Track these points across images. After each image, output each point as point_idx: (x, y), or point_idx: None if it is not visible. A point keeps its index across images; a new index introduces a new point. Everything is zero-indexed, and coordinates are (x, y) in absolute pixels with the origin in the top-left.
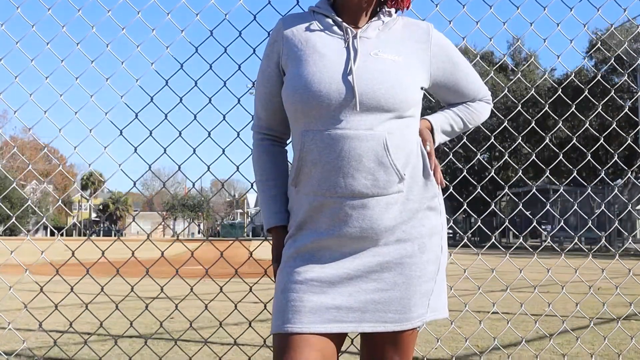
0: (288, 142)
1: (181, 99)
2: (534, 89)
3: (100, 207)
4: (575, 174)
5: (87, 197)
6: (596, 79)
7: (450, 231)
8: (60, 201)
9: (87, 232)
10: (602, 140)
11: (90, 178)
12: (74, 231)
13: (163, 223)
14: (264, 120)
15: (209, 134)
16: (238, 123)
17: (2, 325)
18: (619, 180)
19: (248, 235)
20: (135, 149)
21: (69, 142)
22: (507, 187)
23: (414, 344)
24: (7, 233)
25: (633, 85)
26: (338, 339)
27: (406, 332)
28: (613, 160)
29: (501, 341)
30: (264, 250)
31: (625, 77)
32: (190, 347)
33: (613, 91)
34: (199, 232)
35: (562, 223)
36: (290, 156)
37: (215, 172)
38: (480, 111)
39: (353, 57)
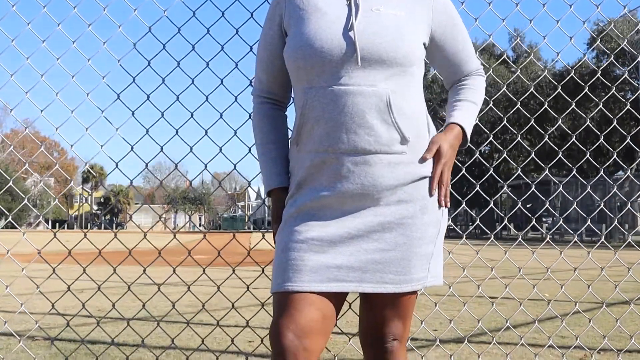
0: (288, 107)
1: (177, 97)
2: (533, 84)
3: (102, 200)
4: (574, 170)
5: (88, 191)
6: (598, 73)
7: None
8: (56, 199)
9: (89, 224)
10: (602, 138)
11: (91, 171)
12: (75, 224)
13: (163, 216)
14: (265, 83)
15: (206, 132)
16: (235, 121)
17: (14, 309)
18: (620, 172)
19: (249, 228)
20: (132, 148)
21: (66, 139)
22: (506, 185)
23: (413, 307)
24: (9, 226)
25: (633, 79)
26: (338, 298)
27: (406, 295)
28: (613, 158)
29: (503, 323)
30: (264, 242)
31: (626, 72)
32: (204, 330)
33: (614, 87)
34: (200, 225)
35: (561, 218)
36: (290, 123)
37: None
38: (480, 88)
39: (354, 13)
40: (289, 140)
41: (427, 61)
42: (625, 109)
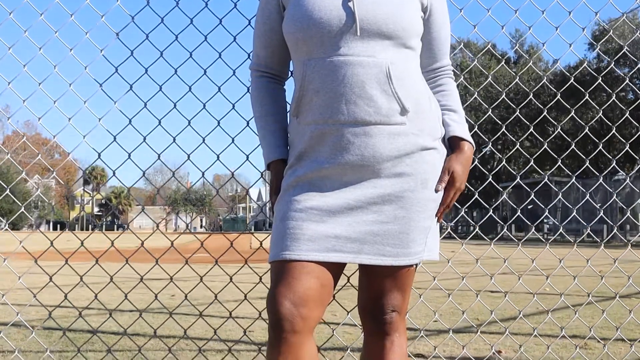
0: (286, 81)
1: (175, 105)
2: (533, 90)
3: (103, 201)
4: (574, 168)
5: (90, 192)
6: (601, 73)
7: (452, 224)
8: (52, 201)
9: (91, 225)
10: (602, 141)
11: (93, 172)
12: (77, 225)
13: (165, 218)
14: (263, 58)
15: (204, 139)
16: (232, 129)
17: (25, 301)
18: (621, 173)
19: (250, 230)
20: (129, 155)
21: (64, 147)
22: (505, 192)
23: (412, 280)
24: (10, 227)
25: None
26: (336, 269)
27: (404, 268)
28: (616, 157)
29: (501, 316)
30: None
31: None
32: (217, 321)
33: (614, 91)
34: (201, 227)
35: (561, 218)
36: (289, 98)
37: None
38: (455, 92)
39: None
40: (288, 113)
41: None
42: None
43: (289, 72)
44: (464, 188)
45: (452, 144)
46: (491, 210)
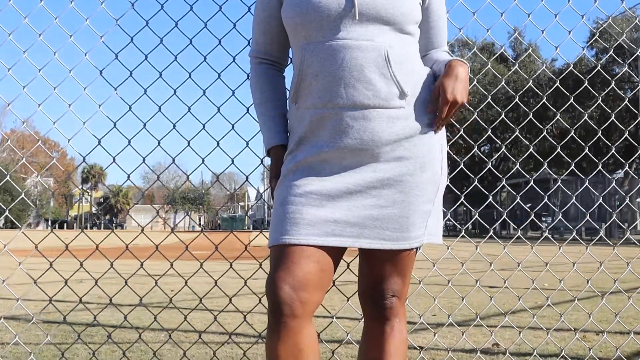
0: (285, 68)
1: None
2: (531, 81)
3: (101, 200)
4: (573, 166)
5: (87, 190)
6: (596, 69)
7: (450, 223)
8: (51, 202)
9: (89, 224)
10: (600, 133)
11: (90, 171)
12: (75, 224)
13: (162, 217)
14: (262, 45)
15: (204, 126)
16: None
17: (21, 295)
18: (620, 170)
19: (248, 228)
20: (129, 142)
21: (63, 134)
22: (504, 180)
23: (412, 264)
24: (8, 226)
25: (634, 75)
26: (336, 254)
27: (404, 252)
28: (611, 153)
29: (500, 309)
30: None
31: (626, 67)
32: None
33: (613, 82)
34: (199, 225)
35: (560, 215)
36: (288, 84)
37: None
38: (449, 56)
39: None
40: (288, 100)
41: None
42: (623, 104)
43: (288, 59)
44: (463, 100)
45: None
46: (490, 197)
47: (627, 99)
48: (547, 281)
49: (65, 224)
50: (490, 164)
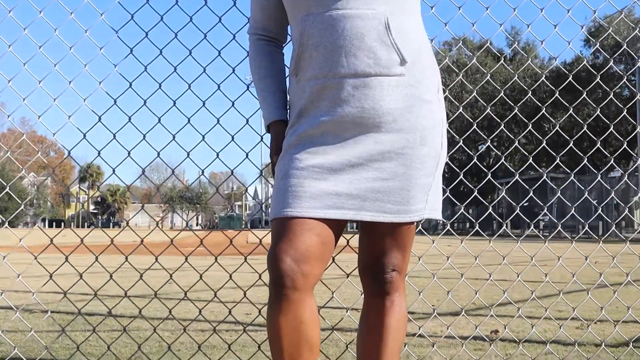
0: (284, 46)
1: (174, 103)
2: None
3: (99, 199)
4: (570, 165)
5: (85, 190)
6: (598, 69)
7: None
8: (48, 198)
9: (86, 223)
10: (598, 138)
11: (89, 170)
12: (72, 223)
13: (160, 216)
14: (260, 21)
15: (203, 137)
16: (232, 127)
17: (9, 288)
18: (617, 169)
19: (247, 227)
20: (129, 153)
21: (64, 146)
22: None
23: (412, 238)
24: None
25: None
26: (337, 227)
27: (405, 226)
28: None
29: (497, 301)
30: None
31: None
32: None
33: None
34: (197, 225)
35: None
36: (287, 63)
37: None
38: None
39: None
40: (287, 78)
41: None
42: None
43: (287, 37)
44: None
45: None
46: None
47: (620, 99)
48: (545, 276)
49: (62, 223)
50: (490, 164)
